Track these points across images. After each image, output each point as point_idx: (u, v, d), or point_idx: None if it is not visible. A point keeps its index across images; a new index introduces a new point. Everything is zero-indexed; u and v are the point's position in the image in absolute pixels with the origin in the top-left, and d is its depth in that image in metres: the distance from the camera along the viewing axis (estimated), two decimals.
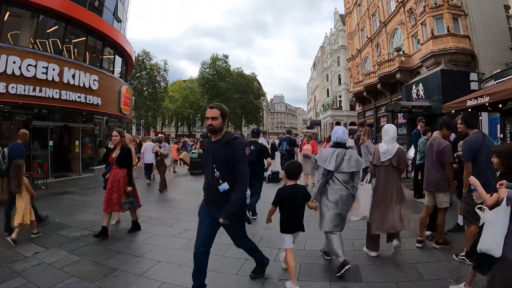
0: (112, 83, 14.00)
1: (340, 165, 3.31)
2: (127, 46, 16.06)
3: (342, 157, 3.33)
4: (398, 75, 19.05)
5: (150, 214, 6.07)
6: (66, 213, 6.03)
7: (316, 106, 68.49)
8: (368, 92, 25.05)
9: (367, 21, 26.44)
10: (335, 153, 3.36)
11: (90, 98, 11.63)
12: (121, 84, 14.95)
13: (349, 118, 43.53)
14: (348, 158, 3.35)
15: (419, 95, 17.15)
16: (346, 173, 3.35)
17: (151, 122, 49.53)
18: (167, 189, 8.82)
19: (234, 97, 46.57)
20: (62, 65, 10.54)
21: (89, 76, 11.63)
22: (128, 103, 15.84)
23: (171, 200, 7.83)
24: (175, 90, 55.09)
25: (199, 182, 5.74)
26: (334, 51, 46.01)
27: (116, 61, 15.69)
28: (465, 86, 15.20)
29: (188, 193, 8.45)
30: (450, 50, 15.56)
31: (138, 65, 37.39)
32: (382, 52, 23.35)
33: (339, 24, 44.06)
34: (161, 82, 41.44)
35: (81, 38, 12.47)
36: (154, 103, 38.87)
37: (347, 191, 3.36)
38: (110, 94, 13.43)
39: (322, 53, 64.11)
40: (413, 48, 18.91)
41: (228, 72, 48.08)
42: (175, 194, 8.53)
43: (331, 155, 3.35)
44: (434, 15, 16.23)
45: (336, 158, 3.32)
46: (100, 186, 6.01)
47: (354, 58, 30.87)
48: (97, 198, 7.51)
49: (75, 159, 12.49)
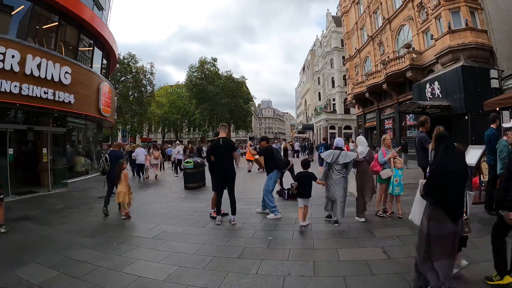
0: (89, 78, 11.75)
1: (336, 160, 5.32)
2: (109, 38, 13.85)
3: (338, 155, 5.35)
4: (409, 73, 17.60)
5: None
6: (7, 262, 3.90)
7: (307, 110, 67.23)
8: (371, 93, 23.59)
9: (367, 19, 25.14)
10: (333, 153, 5.42)
11: (60, 94, 9.42)
12: (100, 80, 12.71)
13: (343, 122, 42.30)
14: (342, 155, 5.34)
15: (434, 94, 15.72)
16: (340, 165, 5.33)
17: (137, 128, 47.51)
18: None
19: (223, 101, 45.01)
20: (25, 52, 8.34)
21: (60, 68, 9.43)
22: (109, 103, 13.60)
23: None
24: (162, 95, 53.64)
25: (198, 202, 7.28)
26: (327, 53, 44.76)
27: (96, 55, 13.42)
28: (485, 84, 13.91)
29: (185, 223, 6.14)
30: (470, 45, 14.21)
31: (124, 68, 35.84)
32: (387, 51, 21.99)
33: (332, 25, 42.94)
34: (148, 86, 39.77)
35: (52, 23, 10.28)
36: (140, 108, 37.13)
37: (340, 176, 5.32)
38: (87, 91, 11.21)
39: (313, 56, 63.23)
40: (425, 44, 17.54)
41: (217, 76, 46.59)
42: (169, 226, 6.47)
43: (331, 154, 5.43)
44: (450, 8, 14.89)
45: (333, 155, 5.37)
46: (70, 208, 6.98)
47: (353, 58, 29.54)
48: (62, 229, 5.43)
49: (44, 171, 10.16)
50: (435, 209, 2.76)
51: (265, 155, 6.53)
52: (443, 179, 2.72)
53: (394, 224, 5.25)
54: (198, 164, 10.58)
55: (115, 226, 5.68)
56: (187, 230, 5.34)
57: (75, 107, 10.21)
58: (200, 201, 7.94)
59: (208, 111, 44.87)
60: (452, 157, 2.77)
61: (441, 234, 2.70)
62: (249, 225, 5.52)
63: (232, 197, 5.72)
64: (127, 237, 4.97)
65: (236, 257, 3.96)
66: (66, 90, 9.71)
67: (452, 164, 2.75)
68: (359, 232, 4.91)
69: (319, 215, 5.85)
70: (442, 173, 2.73)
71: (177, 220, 6.07)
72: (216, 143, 5.87)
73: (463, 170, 2.85)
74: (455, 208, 2.74)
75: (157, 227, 5.51)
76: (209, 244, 4.54)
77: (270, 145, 6.96)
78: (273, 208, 6.03)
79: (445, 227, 2.69)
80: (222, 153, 5.71)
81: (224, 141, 5.80)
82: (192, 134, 66.38)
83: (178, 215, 6.55)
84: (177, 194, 9.38)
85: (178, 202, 8.04)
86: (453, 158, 2.78)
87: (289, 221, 5.76)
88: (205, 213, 6.46)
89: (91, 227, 5.63)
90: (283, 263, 3.72)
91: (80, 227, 5.64)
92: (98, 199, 8.61)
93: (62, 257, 4.03)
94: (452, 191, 2.72)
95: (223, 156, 5.71)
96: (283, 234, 4.96)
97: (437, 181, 2.74)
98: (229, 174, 5.75)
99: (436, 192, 2.75)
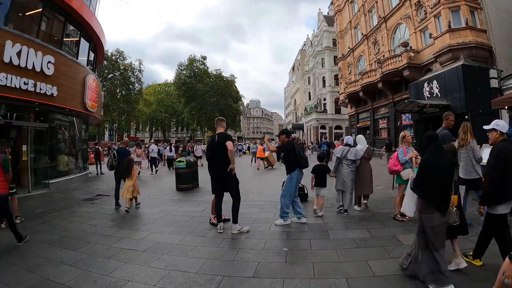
0: (74, 70, 10.82)
1: (345, 155, 5.92)
2: (97, 28, 12.91)
3: (347, 151, 5.94)
4: (406, 72, 17.34)
5: None
6: None
7: (297, 110, 67.04)
8: (365, 92, 23.31)
9: (361, 17, 24.89)
10: (343, 149, 6.03)
11: (42, 86, 8.53)
12: (86, 73, 11.79)
13: (334, 122, 42.16)
14: (351, 152, 5.93)
15: (433, 93, 15.48)
16: (349, 160, 5.91)
17: (125, 127, 46.44)
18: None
19: (212, 100, 44.46)
20: (4, 38, 7.47)
21: (42, 57, 8.55)
22: (96, 98, 12.68)
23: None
24: (150, 94, 52.86)
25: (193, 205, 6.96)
26: (318, 53, 44.48)
27: (82, 46, 12.47)
28: (485, 84, 13.75)
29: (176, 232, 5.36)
30: (470, 44, 14.01)
31: (111, 64, 35.34)
32: (382, 49, 21.76)
33: (324, 24, 42.67)
34: (136, 84, 39.01)
35: (37, 9, 9.36)
36: (128, 106, 36.34)
37: (349, 170, 5.89)
38: (71, 84, 10.31)
39: (303, 56, 63.02)
40: (422, 43, 17.33)
41: (206, 74, 45.92)
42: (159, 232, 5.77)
43: (341, 150, 6.06)
44: (450, 7, 14.67)
45: (343, 151, 5.98)
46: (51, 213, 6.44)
47: (346, 57, 29.28)
48: (39, 239, 4.69)
49: (24, 170, 9.23)
50: (424, 202, 3.04)
51: (285, 151, 5.56)
52: (431, 174, 2.98)
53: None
54: (191, 164, 9.87)
55: (100, 235, 4.92)
56: (186, 240, 4.63)
57: (58, 100, 9.32)
58: (196, 204, 7.27)
59: (197, 110, 44.23)
60: (439, 155, 3.03)
61: (433, 225, 2.96)
62: (256, 233, 4.88)
63: (234, 203, 4.98)
64: (114, 250, 4.22)
65: (251, 276, 3.32)
66: (49, 81, 8.83)
67: (440, 161, 3.00)
68: (384, 240, 4.37)
69: (335, 220, 5.30)
70: (430, 169, 3.01)
71: (172, 227, 5.34)
72: (211, 140, 5.25)
73: (449, 167, 3.06)
74: (441, 201, 2.99)
75: (150, 237, 4.79)
76: (214, 258, 3.88)
77: (292, 140, 5.99)
78: (284, 214, 5.36)
79: (435, 219, 2.96)
80: (217, 151, 4.98)
81: (220, 137, 5.04)
82: (180, 134, 65.49)
83: (172, 221, 5.80)
84: (169, 196, 8.63)
85: (171, 206, 7.27)
86: (441, 156, 3.03)
87: (300, 227, 5.18)
88: (204, 218, 5.80)
89: (74, 236, 4.87)
90: (310, 282, 3.12)
91: (60, 236, 4.88)
92: (83, 201, 7.84)
93: (37, 278, 3.30)
94: (438, 186, 2.96)
95: (218, 153, 4.96)
96: (299, 244, 4.37)
97: (426, 176, 3.03)
98: (225, 175, 4.94)
99: (424, 186, 3.04)
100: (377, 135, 23.03)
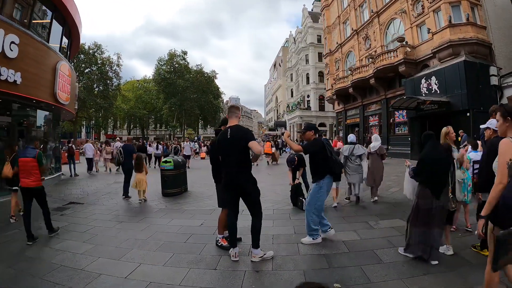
0: (44, 54, 9.14)
1: (351, 152, 6.48)
2: (73, 10, 11.15)
3: (353, 148, 6.54)
4: (402, 67, 16.83)
5: None
6: None
7: (278, 107, 66.45)
8: (355, 89, 22.77)
9: (351, 12, 24.32)
10: (349, 147, 6.60)
11: (2, 71, 6.94)
12: (58, 59, 10.11)
13: (318, 119, 41.77)
14: (356, 148, 6.56)
15: (431, 90, 15.05)
16: (355, 156, 6.48)
17: (102, 123, 45.09)
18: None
19: (192, 96, 43.34)
20: None
21: (4, 35, 6.96)
22: (69, 88, 11.01)
23: None
24: (128, 90, 51.03)
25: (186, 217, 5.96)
26: (302, 49, 43.90)
27: (54, 30, 10.68)
28: (486, 81, 13.45)
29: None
30: (471, 40, 13.63)
31: (89, 58, 33.69)
32: (373, 45, 21.24)
33: (309, 21, 42.09)
34: (114, 79, 37.17)
35: None
36: (105, 102, 34.56)
37: (356, 165, 6.50)
38: (39, 70, 8.67)
39: (285, 53, 62.51)
40: (419, 38, 16.89)
41: (186, 69, 44.77)
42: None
43: (347, 148, 6.62)
44: (450, 2, 14.23)
45: (349, 149, 6.54)
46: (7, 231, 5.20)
47: (333, 53, 28.70)
48: None
49: None
50: (422, 188, 3.54)
51: (313, 152, 4.30)
52: (430, 165, 3.51)
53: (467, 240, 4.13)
54: (179, 164, 8.56)
55: (65, 272, 3.48)
56: (191, 277, 3.31)
57: (22, 89, 7.69)
58: (190, 216, 5.99)
59: (176, 106, 43.03)
60: (437, 149, 3.63)
61: (429, 208, 3.42)
62: (286, 261, 3.68)
63: (255, 221, 3.68)
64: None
65: None
66: (11, 65, 7.23)
67: (437, 155, 3.56)
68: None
69: (371, 234, 4.36)
70: (429, 160, 3.54)
71: (167, 253, 3.99)
72: (222, 136, 3.73)
73: (446, 158, 3.58)
74: (438, 187, 3.45)
75: (139, 273, 3.43)
76: None
77: (321, 138, 4.68)
78: (313, 231, 4.27)
79: (431, 203, 3.41)
80: (230, 150, 3.62)
81: (235, 131, 3.64)
82: (159, 131, 63.45)
83: (166, 243, 4.40)
84: (155, 203, 7.24)
85: (159, 218, 5.88)
86: (438, 150, 3.63)
87: (335, 246, 4.12)
88: (206, 238, 4.55)
89: (26, 270, 3.54)
90: None
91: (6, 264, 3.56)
92: (52, 211, 6.40)
93: None
94: (436, 175, 3.46)
95: (232, 155, 3.61)
96: (351, 273, 3.29)
97: (426, 166, 3.56)
98: (244, 184, 3.63)
99: (424, 175, 3.56)
100: (367, 133, 22.57)
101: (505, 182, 2.16)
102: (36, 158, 4.71)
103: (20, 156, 4.83)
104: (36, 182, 4.69)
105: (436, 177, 3.43)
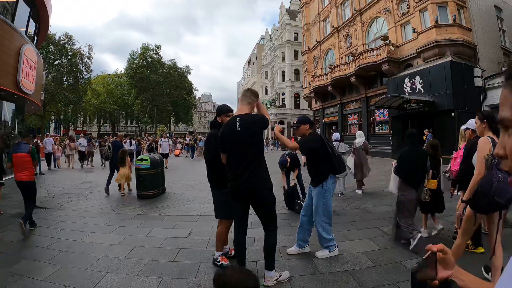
0: (5, 35, 7.60)
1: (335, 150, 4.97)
2: None
3: (338, 147, 7.16)
4: (386, 66, 16.73)
5: None
6: None
7: None
8: (335, 87, 22.57)
9: (332, 10, 24.10)
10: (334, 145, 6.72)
11: None
12: (23, 42, 8.48)
13: (293, 117, 41.50)
14: (341, 146, 7.46)
15: (415, 89, 15.03)
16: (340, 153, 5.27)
17: (71, 119, 43.21)
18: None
19: (165, 92, 41.83)
20: None
21: None
22: (34, 76, 9.32)
23: None
24: (99, 84, 48.51)
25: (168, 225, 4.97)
26: (279, 47, 43.42)
27: (21, 10, 8.93)
28: (470, 82, 13.62)
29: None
30: (457, 41, 13.72)
31: (59, 49, 31.57)
32: (355, 43, 21.12)
33: (286, 18, 41.70)
34: (84, 72, 34.91)
35: None
36: (75, 96, 32.44)
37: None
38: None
39: (260, 50, 61.92)
40: (403, 38, 16.87)
41: (159, 64, 43.29)
42: None
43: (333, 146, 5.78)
44: (437, 2, 14.26)
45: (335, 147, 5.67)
46: None
47: (312, 50, 28.42)
48: None
49: None
50: (403, 182, 3.95)
51: (311, 150, 3.54)
52: (408, 162, 3.92)
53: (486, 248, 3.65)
54: (156, 163, 7.35)
55: None
56: None
57: None
58: (172, 223, 4.92)
59: (148, 101, 41.40)
60: (414, 148, 4.01)
61: (409, 199, 3.84)
62: (304, 282, 2.89)
63: (269, 235, 2.83)
64: None
65: None
66: None
67: (414, 153, 3.97)
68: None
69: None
70: (407, 158, 3.95)
71: (153, 277, 3.00)
72: (228, 128, 2.82)
73: (421, 157, 3.96)
74: (415, 181, 3.89)
75: None
76: None
77: (317, 133, 4.07)
78: (328, 242, 3.51)
79: (410, 194, 3.85)
80: (239, 146, 2.73)
81: (247, 121, 2.77)
82: (130, 127, 60.58)
83: (149, 262, 3.37)
84: (130, 208, 6.03)
85: (137, 227, 4.71)
86: (415, 149, 4.02)
87: (360, 259, 3.41)
88: (198, 253, 3.62)
89: None
90: None
91: None
92: (11, 218, 5.14)
93: None
94: (413, 170, 3.89)
95: (243, 152, 2.73)
96: None
97: (404, 163, 3.95)
98: (259, 192, 2.77)
99: (404, 171, 3.94)
100: (345, 131, 22.48)
101: (483, 173, 2.57)
102: (29, 153, 4.84)
103: (15, 151, 4.87)
104: (29, 176, 4.79)
105: (412, 172, 3.86)
